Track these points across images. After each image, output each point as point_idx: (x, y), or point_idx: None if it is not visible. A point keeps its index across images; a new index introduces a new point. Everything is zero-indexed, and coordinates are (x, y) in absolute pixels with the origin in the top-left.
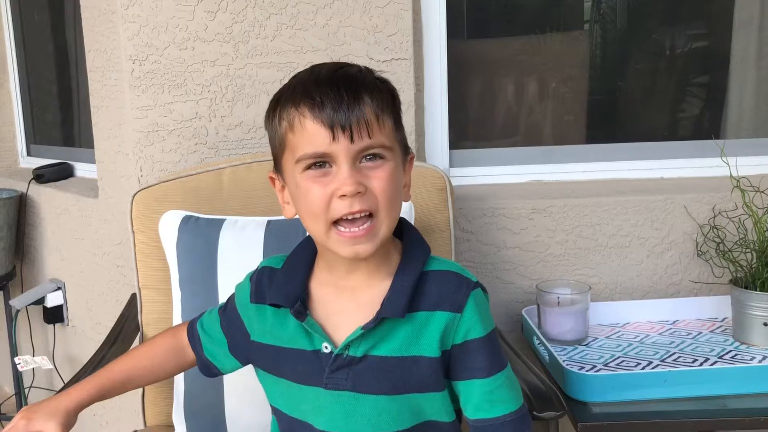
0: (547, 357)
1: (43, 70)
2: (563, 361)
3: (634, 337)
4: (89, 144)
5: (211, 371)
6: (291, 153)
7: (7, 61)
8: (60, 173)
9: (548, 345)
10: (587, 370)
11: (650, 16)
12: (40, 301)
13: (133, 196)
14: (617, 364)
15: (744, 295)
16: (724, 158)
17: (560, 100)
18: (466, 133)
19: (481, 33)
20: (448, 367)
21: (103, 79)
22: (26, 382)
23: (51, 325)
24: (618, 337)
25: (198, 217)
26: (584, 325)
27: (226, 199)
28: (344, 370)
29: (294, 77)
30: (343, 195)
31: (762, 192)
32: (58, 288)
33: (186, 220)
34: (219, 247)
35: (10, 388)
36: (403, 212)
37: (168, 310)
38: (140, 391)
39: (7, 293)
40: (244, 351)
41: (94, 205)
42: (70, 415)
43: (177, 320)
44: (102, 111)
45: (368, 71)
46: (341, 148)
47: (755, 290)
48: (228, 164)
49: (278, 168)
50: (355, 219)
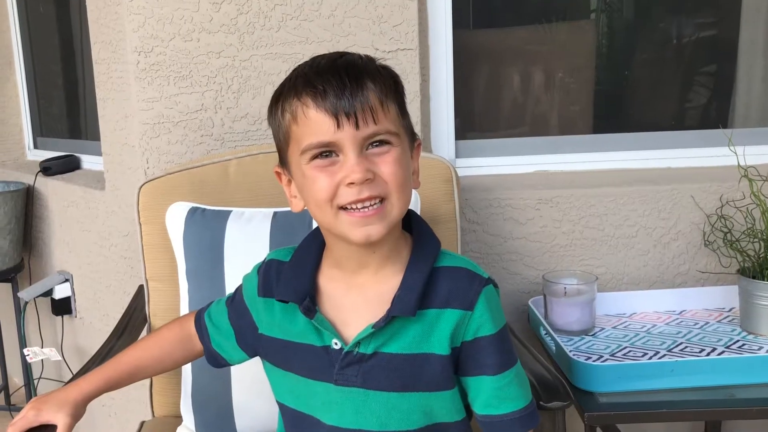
0: (554, 347)
1: (49, 62)
2: (570, 351)
3: (641, 327)
4: (95, 136)
5: (218, 362)
6: (296, 144)
7: (13, 54)
8: (67, 166)
9: (555, 335)
10: (594, 361)
11: (657, 5)
12: (48, 293)
13: (140, 188)
14: (624, 355)
15: (752, 285)
16: (731, 147)
17: (566, 90)
18: (472, 124)
19: (487, 23)
20: (457, 363)
21: (109, 71)
22: (35, 374)
23: (59, 317)
24: (625, 327)
25: (204, 209)
26: (591, 316)
27: (233, 190)
28: (354, 367)
29: (295, 69)
30: (351, 183)
31: None
32: (66, 280)
33: (192, 211)
34: (225, 239)
35: (19, 379)
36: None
37: (175, 302)
38: (148, 381)
39: (16, 285)
40: (252, 343)
41: (100, 197)
42: (79, 406)
43: (184, 311)
44: (108, 103)
45: (369, 59)
46: (347, 136)
47: (763, 280)
48: (234, 156)
49: (284, 162)
50: (365, 206)
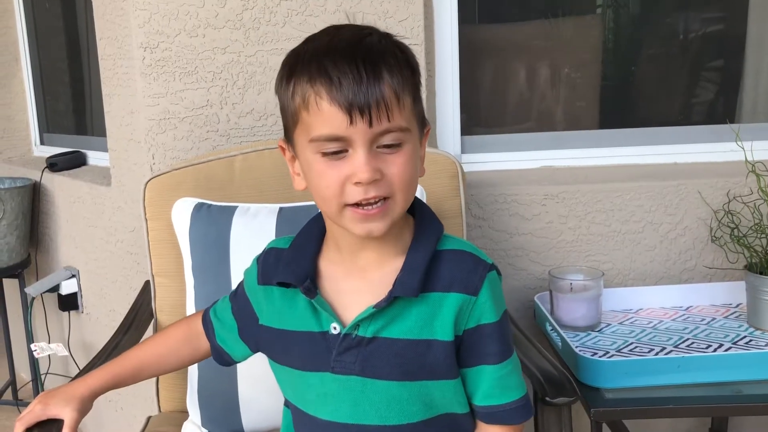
0: (560, 343)
1: (56, 59)
2: (576, 347)
3: (648, 323)
4: (102, 132)
5: (223, 359)
6: (304, 131)
7: (19, 51)
8: (73, 161)
9: (561, 331)
10: (600, 356)
11: (664, 0)
12: (55, 288)
13: (146, 184)
14: (630, 350)
15: (759, 281)
16: (739, 142)
17: (572, 85)
18: (477, 119)
19: (493, 18)
20: (458, 353)
21: (115, 67)
22: (42, 369)
23: (66, 313)
24: (631, 323)
25: (210, 205)
26: (597, 311)
27: (238, 186)
28: (353, 352)
29: (310, 40)
30: (359, 182)
31: None
32: (73, 275)
33: (198, 207)
34: (231, 234)
35: (26, 375)
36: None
37: (181, 297)
38: (155, 377)
39: (23, 281)
40: (254, 335)
41: (107, 192)
42: (86, 401)
43: (190, 307)
44: (114, 99)
45: (388, 41)
46: (358, 132)
47: None
48: (239, 151)
49: (289, 138)
50: (369, 203)
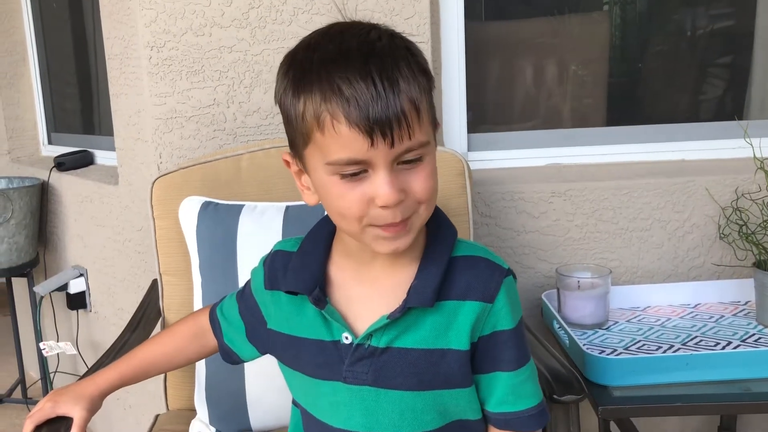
0: (567, 341)
1: (63, 58)
2: (583, 345)
3: (655, 321)
4: (109, 131)
5: (231, 358)
6: (318, 151)
7: (27, 51)
8: (80, 161)
9: (568, 329)
10: (608, 354)
11: None
12: (63, 287)
13: (153, 183)
14: (638, 348)
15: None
16: (747, 139)
17: (579, 82)
18: (484, 117)
19: (499, 15)
20: (472, 359)
21: (122, 67)
22: (51, 367)
23: (74, 311)
24: (639, 320)
25: (217, 203)
26: (605, 309)
27: (245, 184)
28: (365, 362)
29: (313, 48)
30: (385, 205)
31: None
32: (81, 274)
33: (205, 206)
34: (238, 233)
35: (35, 373)
36: None
37: (189, 296)
38: (162, 375)
39: (31, 280)
40: (262, 339)
41: (114, 192)
42: (95, 400)
43: (198, 305)
44: (121, 98)
45: (397, 42)
46: (380, 154)
47: None
48: (246, 150)
49: (296, 152)
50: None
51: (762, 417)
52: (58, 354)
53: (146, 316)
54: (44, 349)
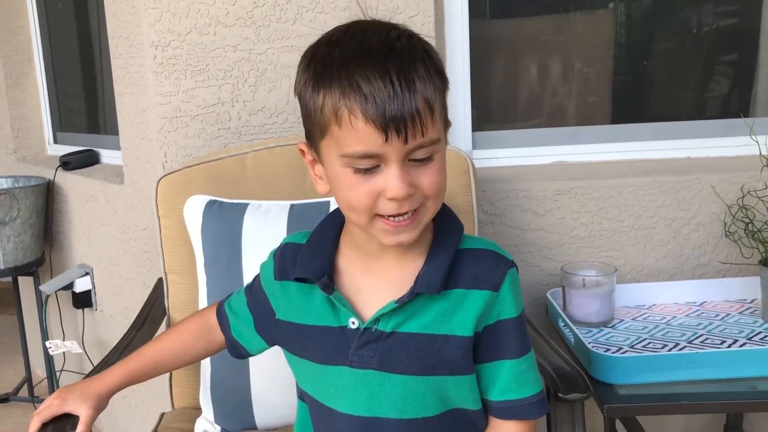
0: (573, 339)
1: (68, 58)
2: (589, 343)
3: (661, 319)
4: (114, 131)
5: (239, 352)
6: (334, 143)
7: (32, 50)
8: (86, 160)
9: (573, 327)
10: (613, 352)
11: None
12: (69, 286)
13: (158, 182)
14: (643, 346)
15: None
16: (753, 136)
17: (584, 80)
18: (489, 115)
19: (504, 13)
20: (475, 350)
21: (127, 66)
22: (57, 366)
23: (80, 310)
24: (644, 319)
25: (222, 202)
26: (610, 307)
27: (250, 183)
28: (371, 346)
29: (334, 44)
30: (394, 198)
31: None
32: (86, 273)
33: (210, 204)
34: (243, 231)
35: (42, 372)
36: None
37: (194, 294)
38: (168, 374)
39: (37, 279)
40: (270, 330)
41: (119, 191)
42: (102, 399)
43: (203, 304)
44: (126, 98)
45: (415, 43)
46: (393, 150)
47: None
48: (251, 149)
49: (312, 143)
50: (401, 214)
51: None
52: (64, 353)
53: (151, 315)
54: (50, 347)
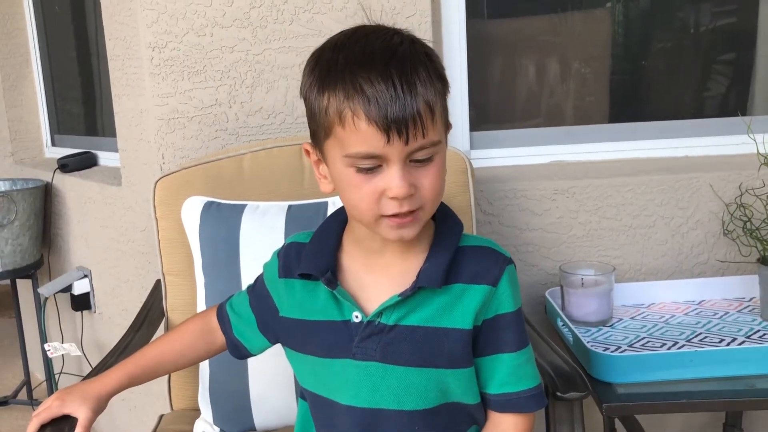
0: (571, 338)
1: (66, 60)
2: (587, 342)
3: (660, 318)
4: (112, 133)
5: (240, 352)
6: (338, 144)
7: (30, 53)
8: (84, 162)
9: (572, 326)
10: (612, 351)
11: None
12: (68, 288)
13: (156, 184)
14: (642, 345)
15: None
16: (750, 135)
17: (582, 79)
18: (486, 115)
19: (501, 12)
20: (474, 343)
21: (124, 68)
22: (56, 368)
23: (78, 312)
24: (643, 317)
25: (220, 203)
26: (608, 306)
27: (247, 184)
28: (374, 339)
29: (339, 48)
30: (395, 197)
31: None
32: (85, 276)
33: (208, 206)
34: (241, 232)
35: (41, 374)
36: None
37: (192, 295)
38: (167, 375)
39: (36, 281)
40: (273, 328)
41: (117, 193)
42: (101, 400)
43: (201, 305)
44: (123, 99)
45: (417, 48)
46: (395, 150)
47: None
48: (248, 150)
49: (317, 143)
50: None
51: (767, 413)
52: (62, 355)
53: (150, 317)
54: (49, 350)
